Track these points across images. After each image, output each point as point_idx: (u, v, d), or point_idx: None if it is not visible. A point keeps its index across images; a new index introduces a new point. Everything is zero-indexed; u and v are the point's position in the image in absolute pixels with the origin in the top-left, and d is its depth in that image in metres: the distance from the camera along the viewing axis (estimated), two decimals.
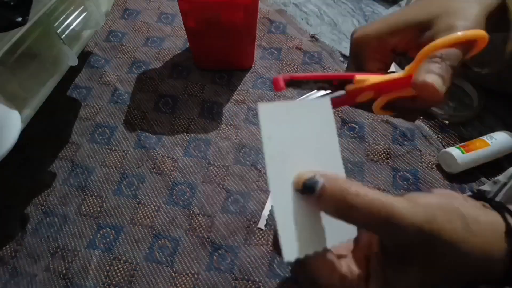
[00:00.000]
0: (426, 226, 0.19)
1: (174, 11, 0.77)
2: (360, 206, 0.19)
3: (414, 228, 0.19)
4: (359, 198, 0.20)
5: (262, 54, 0.69)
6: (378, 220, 0.19)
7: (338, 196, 0.20)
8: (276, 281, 0.44)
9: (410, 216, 0.19)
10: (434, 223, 0.20)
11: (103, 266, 0.46)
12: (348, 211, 0.20)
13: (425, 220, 0.19)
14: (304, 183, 0.21)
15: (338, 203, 0.20)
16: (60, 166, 0.55)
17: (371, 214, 0.19)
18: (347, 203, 0.20)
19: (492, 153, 0.51)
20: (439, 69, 0.22)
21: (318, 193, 0.20)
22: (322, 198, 0.20)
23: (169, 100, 0.62)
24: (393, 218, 0.19)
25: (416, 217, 0.19)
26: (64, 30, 0.48)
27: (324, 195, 0.20)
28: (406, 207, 0.19)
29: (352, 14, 0.78)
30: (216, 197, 0.51)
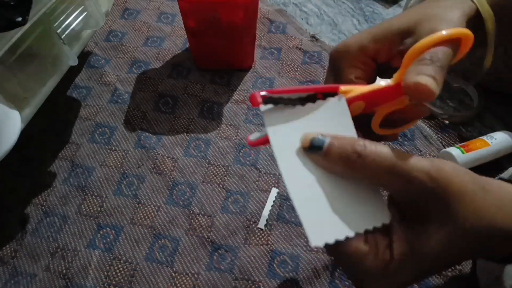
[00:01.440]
0: (433, 173, 0.20)
1: (174, 11, 0.77)
2: (368, 156, 0.20)
3: (421, 173, 0.20)
4: (367, 148, 0.20)
5: (262, 54, 0.69)
6: (386, 168, 0.20)
7: (345, 150, 0.21)
8: (276, 281, 0.45)
9: (416, 163, 0.20)
10: (442, 172, 0.20)
11: (103, 266, 0.46)
12: (354, 166, 0.20)
13: (432, 167, 0.20)
14: (311, 140, 0.21)
15: (346, 157, 0.20)
16: (60, 166, 0.55)
17: (378, 163, 0.20)
18: (356, 154, 0.20)
19: (492, 153, 0.51)
20: (430, 70, 0.21)
21: (326, 148, 0.21)
22: (330, 154, 0.21)
23: (169, 100, 0.62)
24: (399, 165, 0.20)
25: (422, 165, 0.20)
26: (64, 30, 0.48)
27: (332, 151, 0.21)
28: (412, 157, 0.20)
29: (352, 14, 0.78)
30: (216, 197, 0.51)
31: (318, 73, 0.65)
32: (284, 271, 0.45)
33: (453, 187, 0.20)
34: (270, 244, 0.47)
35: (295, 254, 0.46)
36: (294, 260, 0.46)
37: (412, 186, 0.20)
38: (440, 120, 0.59)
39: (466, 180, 0.20)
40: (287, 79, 0.65)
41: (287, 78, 0.65)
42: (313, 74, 0.65)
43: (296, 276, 0.45)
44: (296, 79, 0.65)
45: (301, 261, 0.46)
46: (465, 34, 0.23)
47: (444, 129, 0.58)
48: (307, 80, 0.65)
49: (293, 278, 0.45)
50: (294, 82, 0.64)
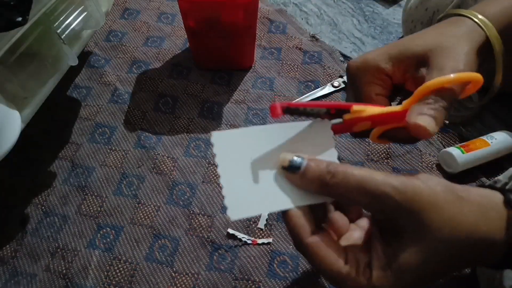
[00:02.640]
0: (400, 187, 0.20)
1: (174, 11, 0.77)
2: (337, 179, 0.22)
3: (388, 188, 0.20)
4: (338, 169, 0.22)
5: (262, 54, 0.69)
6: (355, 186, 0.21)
7: (319, 173, 0.22)
8: (276, 281, 0.45)
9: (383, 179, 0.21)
10: (409, 185, 0.21)
11: (103, 266, 0.46)
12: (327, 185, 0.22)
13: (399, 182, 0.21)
14: (290, 161, 0.23)
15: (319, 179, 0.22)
16: (60, 166, 0.55)
17: (347, 184, 0.21)
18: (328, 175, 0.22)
19: (492, 153, 0.51)
20: (432, 111, 0.24)
21: (302, 170, 0.23)
22: (305, 175, 0.23)
23: (169, 100, 0.62)
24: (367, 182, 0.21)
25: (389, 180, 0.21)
26: (64, 30, 0.48)
27: (307, 172, 0.23)
28: (381, 175, 0.21)
29: (352, 14, 0.78)
30: (216, 197, 0.51)
31: (318, 73, 0.65)
32: (284, 271, 0.45)
33: (423, 198, 0.20)
34: (270, 244, 0.47)
35: (295, 254, 0.46)
36: (294, 260, 0.46)
37: (380, 202, 0.21)
38: None
39: (437, 190, 0.21)
40: (287, 79, 0.65)
41: (287, 78, 0.65)
42: (313, 74, 0.65)
43: (296, 276, 0.45)
44: (296, 79, 0.65)
45: (301, 261, 0.46)
46: (475, 78, 0.24)
47: (444, 129, 0.58)
48: (307, 80, 0.65)
49: (293, 278, 0.45)
50: (294, 82, 0.64)
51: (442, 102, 0.24)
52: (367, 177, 0.21)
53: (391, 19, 0.76)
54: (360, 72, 0.29)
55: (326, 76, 0.65)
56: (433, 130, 0.23)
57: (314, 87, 0.64)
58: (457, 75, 0.24)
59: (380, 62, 0.28)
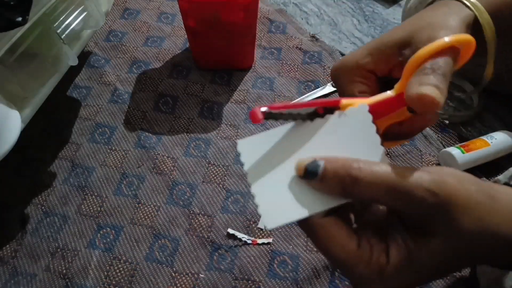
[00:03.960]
0: (435, 188, 0.19)
1: (174, 10, 0.77)
2: (364, 180, 0.19)
3: (422, 191, 0.19)
4: (362, 172, 0.20)
5: (262, 53, 0.69)
6: (384, 190, 0.19)
7: (341, 174, 0.20)
8: (276, 281, 0.45)
9: (415, 180, 0.19)
10: (444, 186, 0.19)
11: (103, 266, 0.46)
12: (353, 187, 0.20)
13: (433, 182, 0.19)
14: (306, 168, 0.21)
15: (342, 181, 0.20)
16: (60, 166, 0.55)
17: (376, 185, 0.19)
18: (351, 179, 0.20)
19: (492, 153, 0.51)
20: (433, 80, 0.20)
21: (320, 175, 0.20)
22: (325, 180, 0.20)
23: (169, 100, 0.62)
24: (399, 185, 0.19)
25: (422, 180, 0.19)
26: (64, 30, 0.48)
27: (327, 176, 0.20)
28: (410, 173, 0.19)
29: (352, 13, 0.78)
30: (216, 197, 0.51)
31: (318, 73, 0.65)
32: (284, 271, 0.45)
33: (457, 200, 0.19)
34: (270, 244, 0.47)
35: (295, 254, 0.46)
36: (294, 260, 0.46)
37: (414, 205, 0.19)
38: (440, 120, 0.59)
39: (471, 190, 0.20)
40: (287, 79, 0.65)
41: (287, 78, 0.65)
42: (313, 74, 0.65)
43: (296, 276, 0.45)
44: (296, 79, 0.65)
45: (301, 261, 0.46)
46: (467, 40, 0.22)
47: (444, 129, 0.58)
48: (307, 80, 0.65)
49: (293, 278, 0.45)
50: (294, 82, 0.64)
51: (441, 70, 0.21)
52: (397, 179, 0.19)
53: (391, 19, 0.76)
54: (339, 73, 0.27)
55: (326, 76, 0.65)
56: (441, 100, 0.20)
57: (314, 87, 0.64)
58: (451, 38, 0.21)
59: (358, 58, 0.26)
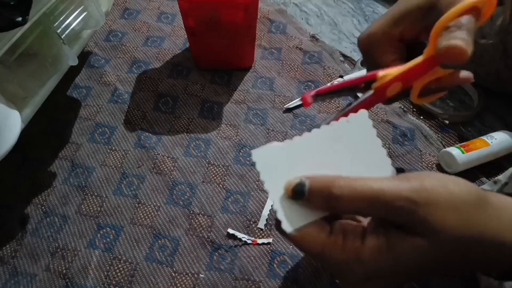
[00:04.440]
0: (413, 196, 0.19)
1: (174, 10, 0.77)
2: (345, 198, 0.20)
3: (401, 200, 0.19)
4: (342, 189, 0.21)
5: (262, 54, 0.69)
6: (366, 204, 0.20)
7: (323, 192, 0.21)
8: (276, 281, 0.45)
9: (394, 191, 0.20)
10: (422, 192, 0.20)
11: (103, 266, 0.46)
12: (335, 203, 0.21)
13: (411, 190, 0.20)
14: (293, 190, 0.22)
15: (325, 199, 0.21)
16: (60, 166, 0.55)
17: (356, 201, 0.20)
18: (332, 196, 0.21)
19: (492, 153, 0.51)
20: (459, 34, 0.22)
21: (306, 196, 0.21)
22: (311, 199, 0.21)
23: (169, 100, 0.62)
24: (378, 197, 0.20)
25: (400, 190, 0.20)
26: (64, 30, 0.48)
27: (312, 195, 0.21)
28: (389, 184, 0.20)
29: (352, 14, 0.78)
30: (216, 197, 0.51)
31: (318, 73, 0.65)
32: (284, 271, 0.45)
33: (438, 202, 0.19)
34: (270, 244, 0.47)
35: (295, 254, 0.46)
36: (294, 260, 0.46)
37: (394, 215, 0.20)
38: (440, 120, 0.59)
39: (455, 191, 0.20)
40: (287, 79, 0.65)
41: (287, 78, 0.65)
42: (313, 74, 0.65)
43: (296, 276, 0.45)
44: (296, 79, 0.65)
45: (301, 261, 0.46)
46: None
47: (444, 129, 0.58)
48: (307, 80, 0.65)
49: (293, 278, 0.45)
50: (294, 82, 0.64)
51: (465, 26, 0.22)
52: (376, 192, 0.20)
53: None
54: (370, 46, 0.29)
55: (326, 76, 0.65)
56: (468, 49, 0.22)
57: (314, 87, 0.64)
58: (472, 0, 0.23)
59: (386, 28, 0.28)
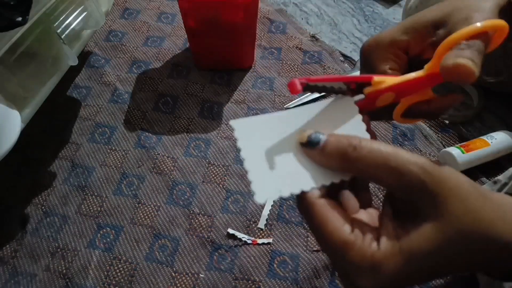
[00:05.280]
0: (428, 168, 0.19)
1: (174, 10, 0.77)
2: (361, 153, 0.21)
3: (415, 167, 0.19)
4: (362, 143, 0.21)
5: (262, 53, 0.69)
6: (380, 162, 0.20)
7: (342, 143, 0.21)
8: (276, 281, 0.45)
9: (411, 157, 0.20)
10: (437, 169, 0.20)
11: (103, 266, 0.46)
12: (350, 159, 0.21)
13: (428, 163, 0.20)
14: (309, 136, 0.22)
15: (343, 151, 0.21)
16: (60, 166, 0.55)
17: (372, 159, 0.20)
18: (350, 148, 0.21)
19: (492, 153, 0.51)
20: (468, 54, 0.21)
21: (322, 145, 0.22)
22: (326, 149, 0.22)
23: (169, 100, 0.62)
24: (396, 158, 0.20)
25: (417, 159, 0.20)
26: (64, 30, 0.48)
27: (328, 146, 0.22)
28: (408, 152, 0.20)
29: (352, 13, 0.78)
30: (216, 197, 0.51)
31: (318, 73, 0.65)
32: (284, 271, 0.45)
33: (449, 183, 0.19)
34: (270, 244, 0.47)
35: (295, 254, 0.46)
36: (294, 260, 0.46)
37: (405, 180, 0.20)
38: (440, 120, 0.59)
39: (463, 180, 0.20)
40: (287, 79, 0.65)
41: (287, 78, 0.65)
42: (313, 73, 0.65)
43: (296, 276, 0.45)
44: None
45: (301, 261, 0.46)
46: (500, 25, 0.23)
47: (444, 129, 0.58)
48: None
49: (293, 278, 0.45)
50: None
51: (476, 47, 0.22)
52: (394, 153, 0.20)
53: (391, 19, 0.76)
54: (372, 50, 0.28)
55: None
56: (476, 71, 0.21)
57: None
58: (485, 23, 0.22)
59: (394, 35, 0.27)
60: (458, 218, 0.19)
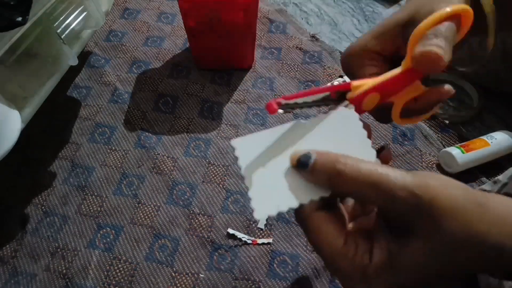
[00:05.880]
0: (417, 191, 0.19)
1: (174, 10, 0.77)
2: (349, 175, 0.20)
3: (406, 192, 0.19)
4: (347, 167, 0.21)
5: (262, 53, 0.69)
6: (368, 187, 0.20)
7: (328, 168, 0.21)
8: (276, 281, 0.45)
9: (399, 181, 0.20)
10: (426, 188, 0.19)
11: (103, 265, 0.46)
12: (338, 180, 0.21)
13: (416, 184, 0.20)
14: (298, 159, 0.22)
15: (329, 174, 0.21)
16: (60, 166, 0.55)
17: (360, 182, 0.20)
18: (336, 173, 0.21)
19: (492, 153, 0.51)
20: (435, 41, 0.22)
21: (311, 166, 0.22)
22: (314, 171, 0.22)
23: (169, 100, 0.62)
24: (382, 183, 0.20)
25: (406, 181, 0.20)
26: (64, 30, 0.48)
27: (316, 168, 0.22)
28: (395, 174, 0.20)
29: (352, 13, 0.78)
30: (216, 197, 0.51)
31: (318, 73, 0.65)
32: (284, 271, 0.45)
33: (441, 202, 0.19)
34: (270, 244, 0.47)
35: (295, 254, 0.46)
36: (294, 260, 0.46)
37: (394, 204, 0.20)
38: (440, 120, 0.59)
39: (457, 195, 0.20)
40: (287, 79, 0.65)
41: (287, 78, 0.65)
42: (313, 73, 0.65)
43: (296, 276, 0.45)
44: (296, 79, 0.65)
45: (301, 261, 0.46)
46: (464, 9, 0.23)
47: (444, 129, 0.58)
48: (307, 80, 0.65)
49: (293, 278, 0.45)
50: (294, 82, 0.64)
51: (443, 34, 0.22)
52: (381, 177, 0.20)
53: None
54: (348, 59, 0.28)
55: (326, 76, 0.65)
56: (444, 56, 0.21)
57: (315, 86, 0.64)
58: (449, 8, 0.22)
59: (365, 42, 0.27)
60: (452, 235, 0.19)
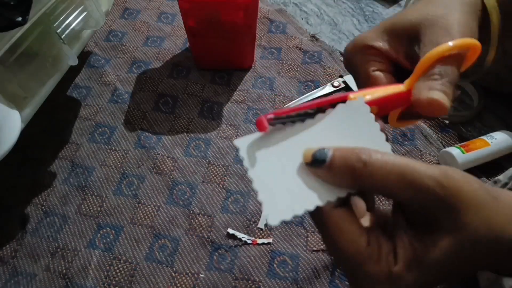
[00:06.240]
0: (444, 181, 0.19)
1: (174, 10, 0.77)
2: (376, 165, 0.19)
3: (432, 182, 0.19)
4: (372, 157, 0.19)
5: (262, 53, 0.69)
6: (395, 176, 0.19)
7: (350, 160, 0.20)
8: (276, 281, 0.45)
9: (425, 170, 0.19)
10: (452, 180, 0.19)
11: (103, 266, 0.46)
12: (361, 176, 0.19)
13: (443, 175, 0.19)
14: (313, 155, 0.21)
15: (352, 167, 0.20)
16: (60, 166, 0.55)
17: (386, 172, 0.19)
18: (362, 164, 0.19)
19: (492, 153, 0.51)
20: (441, 86, 0.22)
21: (328, 162, 0.20)
22: (333, 167, 0.20)
23: (169, 100, 0.62)
24: (411, 173, 0.19)
25: (432, 172, 0.19)
26: (64, 30, 0.48)
27: (335, 163, 0.20)
28: (420, 164, 0.19)
29: (352, 13, 0.78)
30: (216, 197, 0.51)
31: (318, 73, 0.65)
32: (284, 271, 0.45)
33: (464, 195, 0.19)
34: (270, 244, 0.47)
35: (295, 254, 0.46)
36: (294, 260, 0.46)
37: (422, 195, 0.19)
38: (440, 120, 0.59)
39: (477, 188, 0.20)
40: (287, 79, 0.65)
41: (287, 78, 0.65)
42: (313, 74, 0.65)
43: (296, 276, 0.45)
44: (296, 79, 0.65)
45: (301, 261, 0.46)
46: (472, 44, 0.23)
47: (444, 129, 0.58)
48: (307, 80, 0.65)
49: (293, 278, 0.45)
50: (294, 82, 0.64)
51: (449, 77, 0.22)
52: (409, 167, 0.19)
53: None
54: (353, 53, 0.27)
55: (326, 76, 0.65)
56: (448, 106, 0.21)
57: (314, 87, 0.64)
58: (456, 42, 0.22)
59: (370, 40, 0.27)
60: (474, 230, 0.19)
